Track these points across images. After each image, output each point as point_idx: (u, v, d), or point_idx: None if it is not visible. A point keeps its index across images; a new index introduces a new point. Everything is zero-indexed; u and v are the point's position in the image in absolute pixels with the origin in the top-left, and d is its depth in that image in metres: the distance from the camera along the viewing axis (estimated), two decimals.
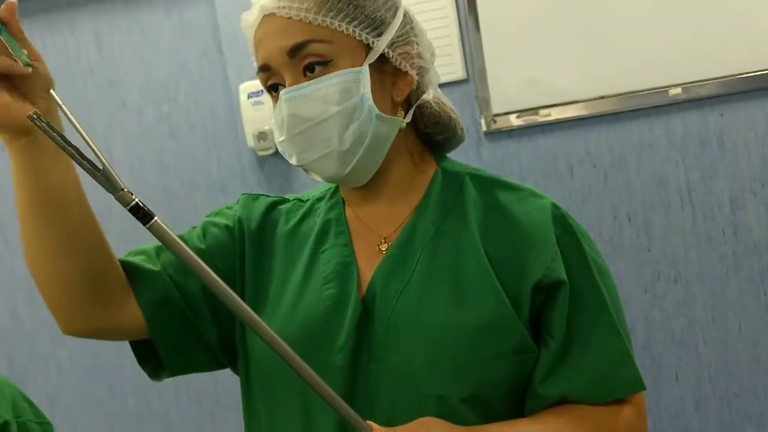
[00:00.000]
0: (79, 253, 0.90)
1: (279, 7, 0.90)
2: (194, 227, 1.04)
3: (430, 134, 1.01)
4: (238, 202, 1.07)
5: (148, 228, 0.78)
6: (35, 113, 0.76)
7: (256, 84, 2.15)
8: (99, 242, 0.92)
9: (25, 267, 2.73)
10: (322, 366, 0.90)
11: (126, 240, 1.20)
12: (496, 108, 2.09)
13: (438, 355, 0.88)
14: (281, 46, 0.90)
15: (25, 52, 0.83)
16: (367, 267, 0.96)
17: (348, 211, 1.01)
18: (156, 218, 0.78)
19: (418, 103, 0.97)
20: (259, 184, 2.25)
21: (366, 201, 0.99)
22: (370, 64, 0.91)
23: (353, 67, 0.90)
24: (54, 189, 0.86)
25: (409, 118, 0.96)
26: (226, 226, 1.02)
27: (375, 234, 0.98)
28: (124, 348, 1.03)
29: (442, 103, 1.01)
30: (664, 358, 2.07)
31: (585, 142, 2.07)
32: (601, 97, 2.03)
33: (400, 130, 0.95)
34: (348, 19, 0.90)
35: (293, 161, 0.95)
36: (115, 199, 0.77)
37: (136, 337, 0.99)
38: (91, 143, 0.76)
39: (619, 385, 0.92)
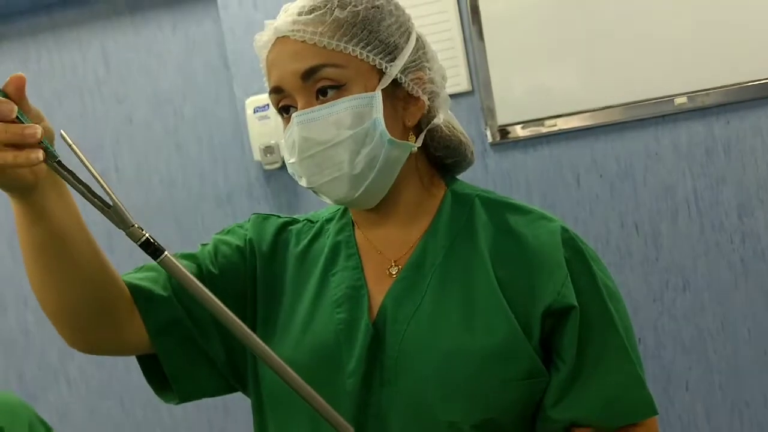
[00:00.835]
0: (84, 283, 0.89)
1: (293, 31, 0.90)
2: (205, 244, 1.04)
3: (441, 157, 1.01)
4: (249, 221, 1.07)
5: (158, 263, 0.78)
6: (44, 149, 0.75)
7: (262, 98, 2.17)
8: (102, 270, 0.91)
9: None
10: (334, 390, 0.90)
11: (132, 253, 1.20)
12: (502, 119, 2.10)
13: (449, 380, 0.88)
14: (295, 70, 0.90)
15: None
16: (378, 291, 0.95)
17: (358, 233, 1.01)
18: (166, 253, 0.78)
19: (429, 127, 0.97)
20: (266, 198, 2.26)
21: (376, 224, 0.99)
22: (382, 89, 0.91)
23: (366, 91, 0.90)
24: (57, 229, 0.85)
25: (419, 143, 0.96)
26: (238, 247, 1.02)
27: (385, 257, 0.97)
28: (133, 361, 1.03)
29: (453, 126, 1.01)
30: (674, 366, 2.07)
31: (591, 151, 2.07)
32: (607, 107, 2.03)
33: (411, 153, 0.95)
34: (362, 45, 0.91)
35: (303, 183, 0.94)
36: (126, 234, 0.76)
37: (143, 352, 0.98)
38: (101, 180, 0.75)
39: (630, 410, 0.92)
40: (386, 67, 0.92)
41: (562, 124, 2.06)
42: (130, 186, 2.43)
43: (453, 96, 2.13)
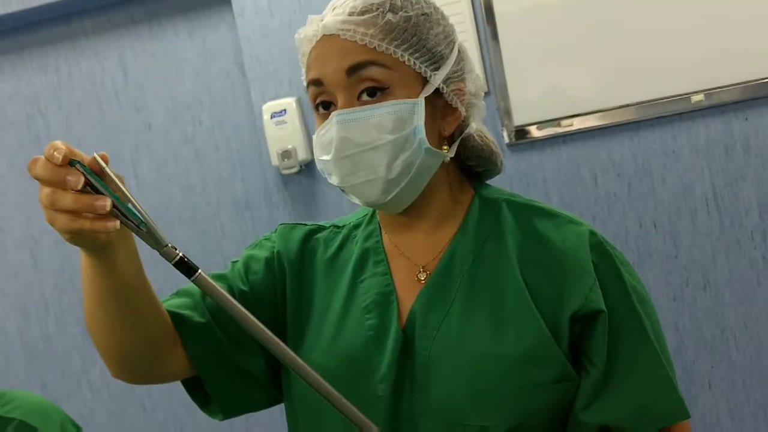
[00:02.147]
0: (142, 328, 0.91)
1: (343, 30, 0.90)
2: (235, 261, 1.05)
3: (472, 166, 1.02)
4: (275, 232, 1.07)
5: (192, 281, 0.78)
6: (79, 163, 0.75)
7: (279, 104, 2.18)
8: (157, 312, 0.92)
9: (54, 289, 2.77)
10: (365, 396, 0.91)
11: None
12: (518, 120, 2.09)
13: (480, 386, 0.88)
14: (340, 65, 0.90)
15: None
16: (407, 297, 0.96)
17: (385, 238, 1.01)
18: (200, 271, 0.78)
19: (461, 136, 0.98)
20: (284, 202, 2.27)
21: (403, 228, 0.99)
22: (424, 97, 0.91)
23: (409, 97, 0.90)
24: (124, 281, 0.86)
25: (452, 153, 0.96)
26: (266, 260, 1.03)
27: (413, 262, 0.98)
28: None
29: (485, 136, 1.01)
30: (696, 366, 2.05)
31: (608, 151, 2.06)
32: (623, 106, 2.02)
33: (443, 162, 0.96)
34: (411, 50, 0.91)
35: (334, 181, 0.95)
36: (160, 254, 0.77)
37: (185, 377, 1.00)
38: (135, 201, 0.76)
39: (662, 414, 0.91)
40: (431, 76, 0.92)
41: (579, 123, 2.06)
42: (150, 192, 2.45)
43: None
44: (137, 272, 0.87)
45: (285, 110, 2.17)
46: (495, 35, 2.09)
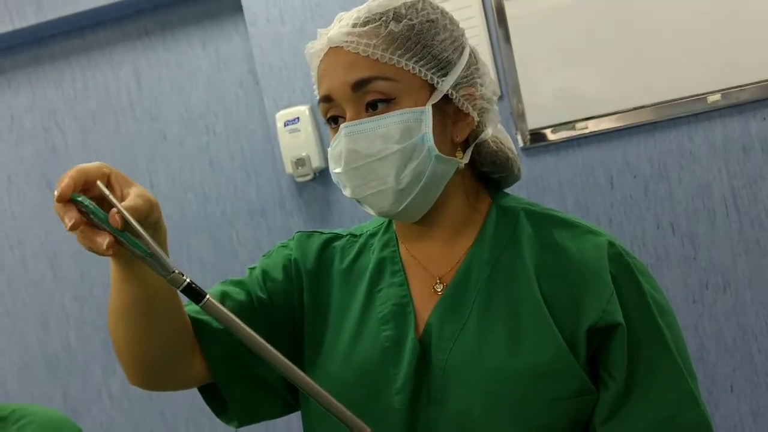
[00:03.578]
0: (167, 335, 0.91)
1: (347, 42, 0.90)
2: (253, 268, 1.05)
3: (488, 172, 1.00)
4: (293, 240, 1.07)
5: (200, 307, 0.77)
6: (80, 195, 0.75)
7: (292, 112, 2.19)
8: (182, 320, 0.93)
9: (75, 300, 2.78)
10: (382, 408, 0.91)
11: None
12: (532, 123, 2.08)
13: (496, 399, 0.87)
14: (345, 80, 0.90)
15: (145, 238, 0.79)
16: (423, 308, 0.95)
17: (402, 248, 1.00)
18: (208, 296, 0.77)
19: (476, 142, 0.97)
20: (299, 210, 2.27)
21: (420, 238, 0.98)
22: (433, 104, 0.91)
23: (416, 106, 0.90)
24: (151, 288, 0.86)
25: (467, 159, 0.96)
26: (284, 267, 1.03)
27: (429, 273, 0.97)
28: None
29: (501, 141, 1.00)
30: (718, 369, 2.03)
31: (624, 153, 2.04)
32: (638, 107, 2.01)
33: (457, 169, 0.95)
34: (415, 59, 0.90)
35: (347, 193, 0.95)
36: (167, 281, 0.76)
37: (202, 384, 1.00)
38: (141, 230, 0.75)
39: (684, 428, 0.89)
40: (438, 82, 0.91)
41: (593, 126, 2.04)
42: (166, 202, 2.46)
43: None
44: (164, 282, 0.88)
45: (298, 118, 2.18)
46: (507, 38, 2.08)
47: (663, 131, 2.01)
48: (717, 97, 1.95)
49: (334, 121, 0.93)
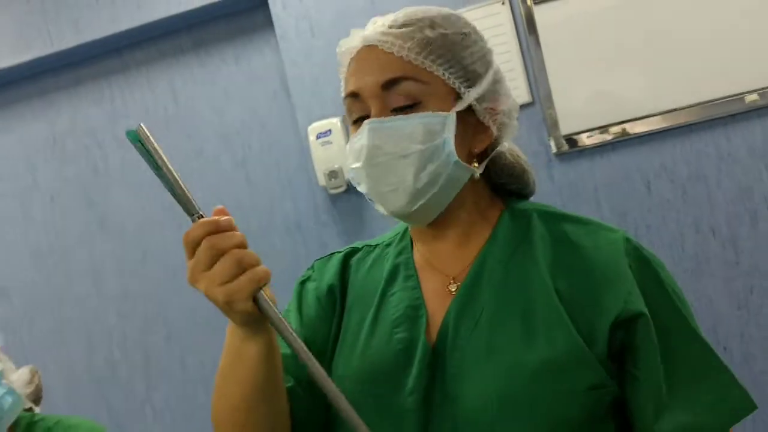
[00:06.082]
0: (281, 417, 0.93)
1: (382, 41, 0.93)
2: (288, 310, 1.06)
3: (503, 184, 1.02)
4: (312, 269, 1.09)
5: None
6: (142, 128, 0.79)
7: (324, 124, 2.20)
8: (285, 404, 0.95)
9: (118, 316, 2.82)
10: (396, 409, 0.91)
11: None
12: (565, 128, 2.06)
13: (511, 394, 0.87)
14: (377, 78, 0.92)
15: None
16: (437, 308, 0.96)
17: (416, 253, 1.02)
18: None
19: (492, 155, 0.99)
20: (333, 222, 2.28)
21: (433, 240, 1.00)
22: (456, 113, 0.93)
23: (441, 111, 0.92)
24: (278, 365, 0.89)
25: (481, 170, 0.97)
26: (317, 299, 1.04)
27: (443, 274, 0.98)
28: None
29: (517, 155, 1.02)
30: (766, 376, 1.97)
31: (660, 156, 2.01)
32: (673, 110, 1.97)
33: (471, 177, 0.97)
34: (445, 65, 0.93)
35: (362, 189, 0.96)
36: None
37: None
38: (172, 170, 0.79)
39: (732, 408, 0.90)
40: (464, 92, 0.93)
41: (628, 129, 2.01)
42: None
43: None
44: (278, 363, 0.90)
45: (330, 130, 2.19)
46: (537, 45, 2.06)
47: (699, 133, 1.97)
48: (755, 96, 1.90)
49: (359, 119, 0.95)
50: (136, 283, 2.59)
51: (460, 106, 0.93)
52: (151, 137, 0.78)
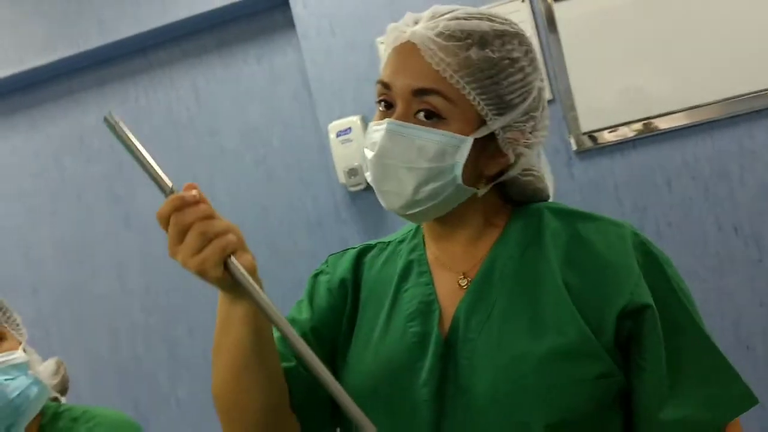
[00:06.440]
0: (272, 384, 0.95)
1: (425, 47, 0.92)
2: (301, 301, 1.09)
3: (512, 195, 1.03)
4: (326, 264, 1.11)
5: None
6: (110, 116, 0.82)
7: (344, 123, 2.22)
8: (282, 379, 0.97)
9: (142, 311, 2.86)
10: (410, 401, 0.94)
11: None
12: (585, 126, 2.06)
13: (520, 384, 0.89)
14: (409, 83, 0.92)
15: None
16: (449, 303, 0.98)
17: (429, 250, 1.04)
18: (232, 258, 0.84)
19: (502, 179, 0.98)
20: (353, 219, 2.30)
21: (444, 239, 1.02)
22: (476, 138, 0.93)
23: (461, 133, 0.92)
24: (259, 329, 0.91)
25: (484, 191, 0.97)
26: (329, 291, 1.07)
27: (454, 271, 1.00)
28: None
29: (533, 173, 1.01)
30: None
31: (681, 153, 1.99)
32: (695, 107, 1.96)
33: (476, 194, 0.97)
34: (479, 91, 0.91)
35: (368, 178, 0.98)
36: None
37: None
38: (155, 166, 0.82)
39: (732, 402, 0.92)
40: (490, 119, 0.92)
41: (649, 126, 2.00)
42: (225, 214, 2.51)
43: None
44: (263, 324, 0.92)
45: (350, 128, 2.21)
46: (558, 42, 2.06)
47: (722, 130, 1.96)
48: None
49: (386, 105, 0.96)
50: (160, 278, 2.63)
51: (481, 132, 0.93)
52: (120, 123, 0.82)
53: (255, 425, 0.96)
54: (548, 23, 2.06)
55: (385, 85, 0.95)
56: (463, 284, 0.98)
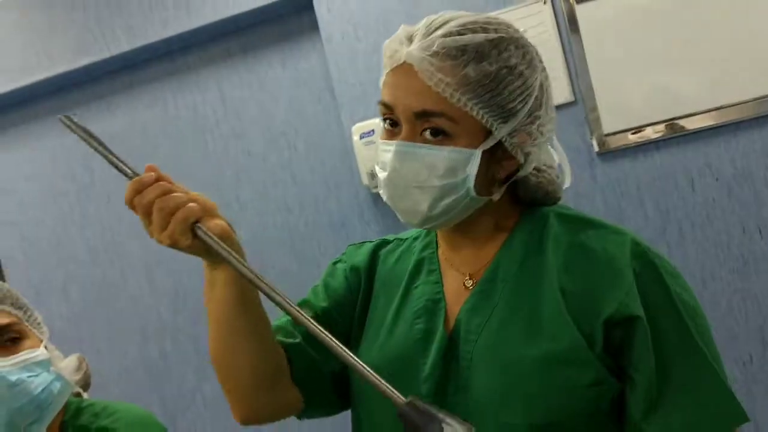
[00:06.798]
0: (263, 346, 1.00)
1: (423, 68, 0.91)
2: (317, 285, 1.13)
3: (523, 197, 1.03)
4: (345, 254, 1.16)
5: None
6: (66, 116, 0.87)
7: (368, 125, 2.24)
8: (274, 343, 1.02)
9: (169, 310, 2.91)
10: (412, 394, 0.95)
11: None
12: (608, 127, 2.06)
13: (513, 388, 0.91)
14: (410, 106, 0.92)
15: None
16: (455, 303, 1.01)
17: (440, 249, 1.07)
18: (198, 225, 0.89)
19: (514, 179, 0.99)
20: (376, 219, 2.32)
21: (455, 243, 1.04)
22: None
23: (469, 147, 0.92)
24: (243, 291, 0.95)
25: (498, 196, 0.99)
26: (345, 278, 1.11)
27: (462, 273, 1.03)
28: None
29: (544, 175, 1.02)
30: None
31: (704, 155, 1.99)
32: (718, 108, 1.95)
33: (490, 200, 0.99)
34: (480, 105, 0.91)
35: (383, 195, 1.00)
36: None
37: (293, 413, 1.08)
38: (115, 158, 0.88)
39: (722, 421, 0.90)
40: (496, 129, 0.93)
41: (671, 128, 2.00)
42: (251, 216, 2.57)
43: (555, 107, 2.12)
44: (246, 288, 0.96)
45: (373, 130, 2.23)
46: (580, 43, 2.06)
47: (746, 131, 1.95)
48: None
49: (391, 123, 0.97)
50: (187, 279, 2.68)
51: (489, 143, 0.93)
52: (75, 121, 0.90)
53: (246, 387, 1.01)
54: (570, 24, 2.06)
55: (387, 106, 0.95)
56: (468, 285, 1.01)
